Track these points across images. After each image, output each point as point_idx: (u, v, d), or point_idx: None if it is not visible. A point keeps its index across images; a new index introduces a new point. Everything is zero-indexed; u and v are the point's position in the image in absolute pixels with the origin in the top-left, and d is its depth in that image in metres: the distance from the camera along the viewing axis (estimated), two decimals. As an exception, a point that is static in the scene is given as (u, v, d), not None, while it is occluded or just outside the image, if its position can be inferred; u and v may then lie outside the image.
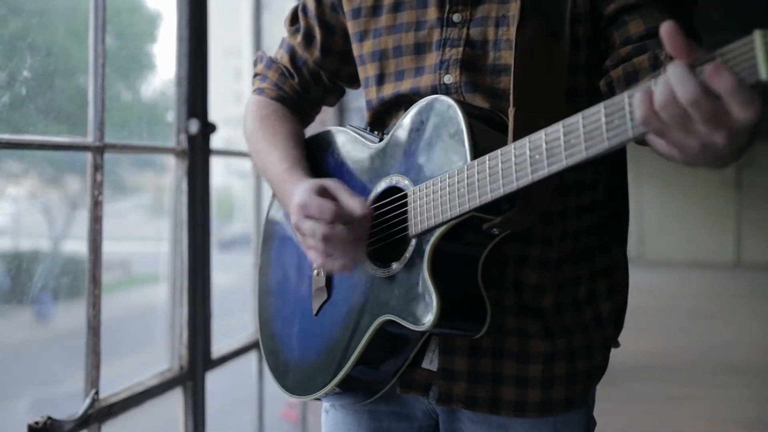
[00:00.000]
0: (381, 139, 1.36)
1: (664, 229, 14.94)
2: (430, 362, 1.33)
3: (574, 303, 1.34)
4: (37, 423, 1.93)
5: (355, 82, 1.54)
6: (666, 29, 0.87)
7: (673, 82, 0.87)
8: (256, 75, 1.60)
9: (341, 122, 3.91)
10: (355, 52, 1.45)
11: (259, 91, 1.56)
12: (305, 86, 1.55)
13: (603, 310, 1.37)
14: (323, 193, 1.30)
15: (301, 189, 1.32)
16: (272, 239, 1.56)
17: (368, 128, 1.45)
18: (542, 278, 1.31)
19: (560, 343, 1.32)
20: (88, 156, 2.21)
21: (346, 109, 4.03)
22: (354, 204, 1.27)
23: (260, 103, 1.55)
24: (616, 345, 1.41)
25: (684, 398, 5.59)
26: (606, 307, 1.37)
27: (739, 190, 14.82)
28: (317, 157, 1.45)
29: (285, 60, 1.56)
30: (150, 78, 3.55)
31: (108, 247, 2.27)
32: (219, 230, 9.20)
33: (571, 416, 1.35)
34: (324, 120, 3.51)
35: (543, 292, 1.31)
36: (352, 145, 1.41)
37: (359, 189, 1.36)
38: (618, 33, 1.26)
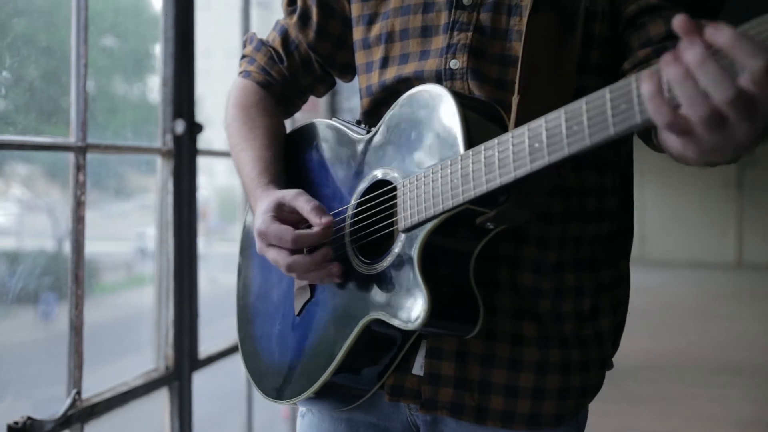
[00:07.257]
0: (368, 131, 1.30)
1: (666, 229, 14.89)
2: (420, 368, 1.26)
3: (576, 315, 1.27)
4: (16, 423, 1.93)
5: (347, 72, 1.49)
6: (679, 20, 0.80)
7: (691, 63, 0.80)
8: (244, 56, 1.54)
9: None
10: (358, 36, 1.39)
11: (245, 74, 1.51)
12: (294, 72, 1.49)
13: (603, 327, 1.30)
14: (280, 210, 1.26)
15: (260, 211, 1.28)
16: (251, 242, 1.51)
17: (360, 120, 1.39)
18: (537, 281, 1.24)
19: (555, 354, 1.25)
20: (71, 156, 2.21)
21: (339, 109, 4.02)
22: (313, 218, 1.23)
23: (245, 89, 1.49)
24: (611, 366, 1.35)
25: (683, 398, 5.58)
26: (606, 323, 1.31)
27: (740, 190, 14.78)
28: (300, 151, 1.40)
29: (276, 42, 1.50)
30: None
31: (112, 248, 2.27)
32: (223, 230, 9.20)
33: None
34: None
35: (539, 296, 1.25)
36: (338, 137, 1.35)
37: (344, 183, 1.31)
38: (637, 35, 1.20)
